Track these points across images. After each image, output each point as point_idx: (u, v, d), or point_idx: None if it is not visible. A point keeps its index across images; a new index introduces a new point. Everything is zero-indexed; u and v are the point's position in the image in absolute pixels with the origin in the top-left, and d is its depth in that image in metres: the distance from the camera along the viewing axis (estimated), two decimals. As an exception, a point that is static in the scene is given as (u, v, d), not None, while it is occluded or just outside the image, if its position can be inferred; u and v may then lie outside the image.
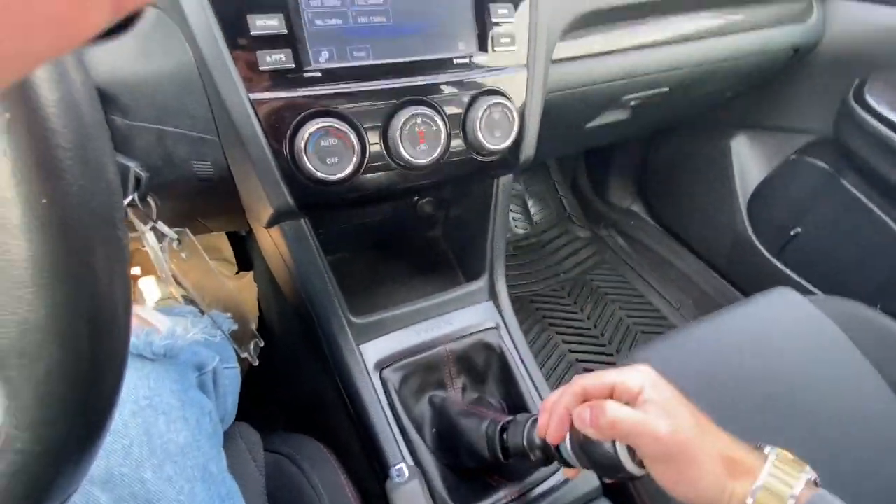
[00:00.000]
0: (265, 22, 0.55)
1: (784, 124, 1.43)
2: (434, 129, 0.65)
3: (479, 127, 0.68)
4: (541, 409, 0.55)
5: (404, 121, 0.62)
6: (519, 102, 0.72)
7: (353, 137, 0.60)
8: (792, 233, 1.38)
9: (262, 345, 0.78)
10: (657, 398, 0.45)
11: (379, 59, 0.62)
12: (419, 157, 0.65)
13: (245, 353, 0.76)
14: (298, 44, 0.58)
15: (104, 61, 0.57)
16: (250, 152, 0.58)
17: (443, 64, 0.66)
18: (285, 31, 0.56)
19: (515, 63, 0.71)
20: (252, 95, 0.57)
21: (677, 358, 0.84)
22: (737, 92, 1.37)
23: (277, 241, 0.77)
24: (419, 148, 0.64)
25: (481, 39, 0.68)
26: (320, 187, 0.61)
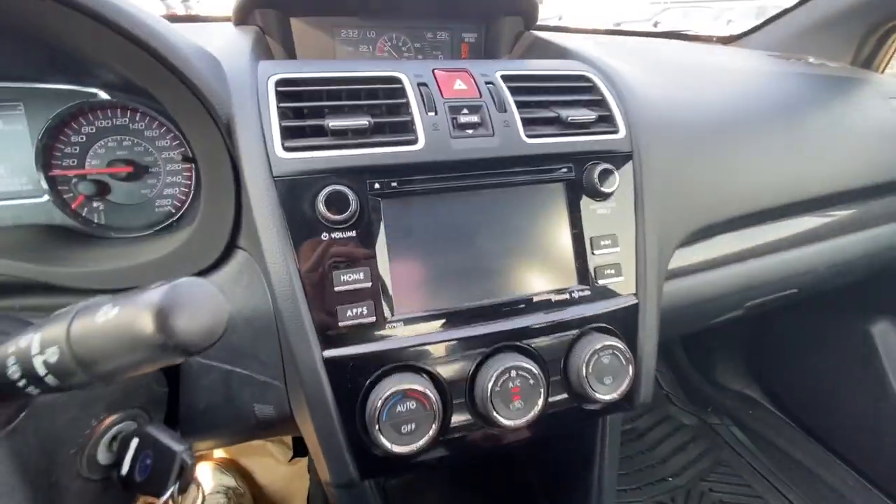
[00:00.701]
0: (350, 276, 0.51)
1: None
2: (531, 382, 0.53)
3: (585, 374, 0.56)
4: None
5: (495, 376, 0.52)
6: (631, 340, 0.60)
7: (435, 399, 0.50)
8: None
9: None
10: None
11: (465, 302, 0.55)
12: (513, 417, 0.53)
13: None
14: (383, 295, 0.52)
15: None
16: (315, 420, 0.50)
17: (538, 303, 0.57)
18: (369, 284, 0.51)
19: (623, 294, 0.61)
20: (326, 353, 0.50)
21: None
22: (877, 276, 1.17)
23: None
24: (513, 406, 0.53)
25: (581, 272, 0.60)
26: (391, 460, 0.50)
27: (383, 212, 0.53)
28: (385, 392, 0.49)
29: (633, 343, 0.60)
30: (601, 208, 0.61)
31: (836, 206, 0.88)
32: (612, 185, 0.60)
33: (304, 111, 0.56)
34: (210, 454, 1.25)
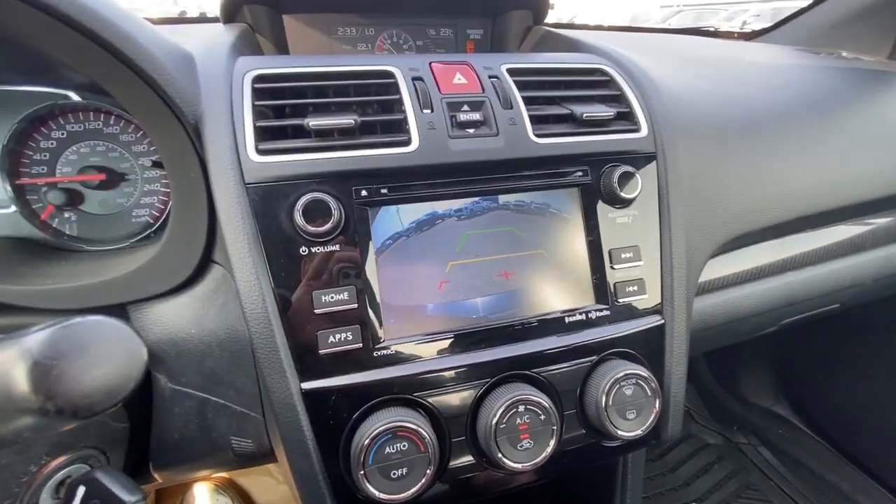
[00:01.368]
0: (332, 297, 0.44)
1: None
2: (542, 417, 0.46)
3: (604, 407, 0.48)
4: None
5: (501, 410, 0.45)
6: (657, 366, 0.52)
7: (430, 439, 0.43)
8: None
9: None
10: None
11: (465, 325, 0.48)
12: (520, 459, 0.46)
13: None
14: (370, 317, 0.46)
15: (159, 320, 0.50)
16: (291, 461, 0.43)
17: (550, 325, 0.50)
18: (354, 306, 0.45)
19: (648, 314, 0.54)
20: (305, 385, 0.44)
21: None
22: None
23: None
24: (520, 446, 0.46)
25: (599, 289, 0.52)
26: (380, 509, 0.43)
27: (371, 222, 0.46)
28: (372, 430, 0.42)
29: (659, 370, 0.53)
30: (621, 216, 0.54)
31: (880, 213, 0.80)
32: (633, 190, 0.53)
33: (286, 110, 0.50)
34: (206, 474, 1.19)
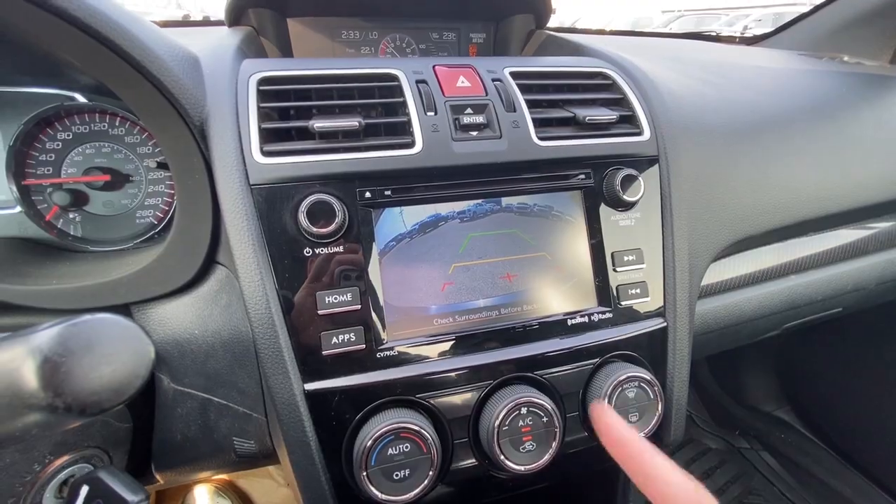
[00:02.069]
0: (336, 298, 0.45)
1: None
2: (544, 420, 0.46)
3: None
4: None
5: (503, 412, 0.45)
6: (660, 369, 0.52)
7: (432, 440, 0.43)
8: None
9: None
10: None
11: (468, 326, 0.48)
12: (523, 461, 0.45)
13: None
14: (374, 319, 0.46)
15: (162, 320, 0.50)
16: (294, 462, 0.43)
17: (553, 327, 0.50)
18: (358, 307, 0.45)
19: (650, 317, 0.54)
20: (308, 386, 0.44)
21: None
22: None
23: None
24: (523, 449, 0.46)
25: (602, 292, 0.52)
26: (382, 510, 0.43)
27: (375, 224, 0.47)
28: (375, 432, 0.42)
29: (661, 373, 0.53)
30: (624, 219, 0.54)
31: (883, 217, 0.80)
32: (635, 193, 0.53)
33: (291, 112, 0.51)
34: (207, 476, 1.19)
